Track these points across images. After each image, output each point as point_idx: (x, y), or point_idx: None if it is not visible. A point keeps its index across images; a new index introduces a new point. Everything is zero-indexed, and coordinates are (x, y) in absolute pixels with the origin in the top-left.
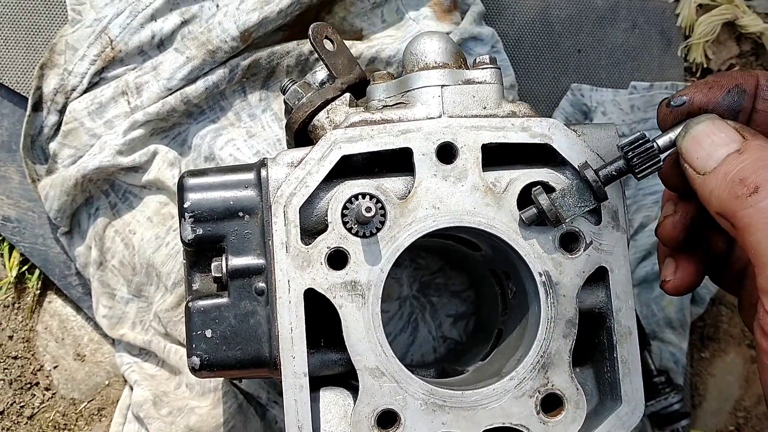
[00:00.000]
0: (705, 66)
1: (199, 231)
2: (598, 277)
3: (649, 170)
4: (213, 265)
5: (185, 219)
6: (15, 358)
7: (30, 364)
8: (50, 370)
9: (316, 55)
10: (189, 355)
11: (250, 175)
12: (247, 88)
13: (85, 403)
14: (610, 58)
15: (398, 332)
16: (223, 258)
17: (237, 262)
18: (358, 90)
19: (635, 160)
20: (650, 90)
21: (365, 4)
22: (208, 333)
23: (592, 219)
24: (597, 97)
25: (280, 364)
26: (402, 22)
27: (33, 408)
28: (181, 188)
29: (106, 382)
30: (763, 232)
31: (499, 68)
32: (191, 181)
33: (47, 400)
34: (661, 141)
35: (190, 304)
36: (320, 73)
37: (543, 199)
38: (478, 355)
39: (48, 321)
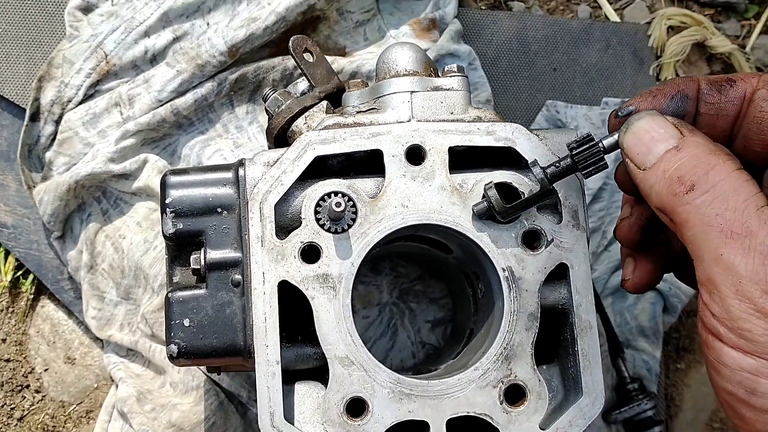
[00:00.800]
0: None
1: (180, 226)
2: (561, 275)
3: (593, 169)
4: (192, 257)
5: (166, 214)
6: (7, 360)
7: (21, 367)
8: (41, 373)
9: (299, 71)
10: (167, 343)
11: (228, 174)
12: (234, 101)
13: (74, 406)
14: (585, 77)
15: (378, 337)
16: (202, 251)
17: (215, 255)
18: (336, 99)
19: (581, 159)
20: None
21: (348, 23)
22: (186, 322)
23: (553, 218)
24: (571, 113)
25: (254, 352)
26: (383, 40)
27: (23, 410)
28: (164, 185)
29: (95, 385)
30: (698, 228)
31: (467, 77)
32: (173, 179)
33: (37, 402)
34: (607, 142)
35: (170, 294)
36: (301, 85)
37: (492, 194)
38: (449, 355)
39: (40, 325)
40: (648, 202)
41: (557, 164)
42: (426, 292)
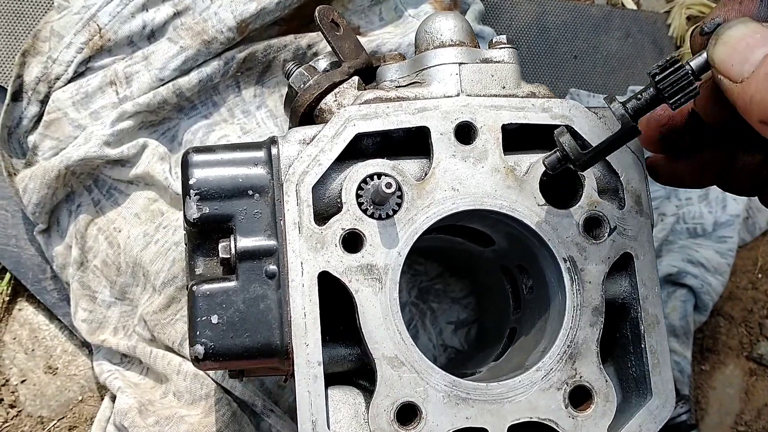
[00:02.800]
0: None
1: (206, 210)
2: (621, 265)
3: (682, 96)
4: (221, 245)
5: (190, 197)
6: None
7: None
8: (17, 385)
9: (314, 50)
10: (192, 343)
11: (260, 153)
12: (241, 83)
13: (55, 422)
14: (606, 65)
15: None
16: (232, 239)
17: (246, 243)
18: (365, 76)
19: (666, 86)
20: None
21: (363, 2)
22: (214, 319)
23: (615, 204)
24: (594, 102)
25: (292, 352)
26: (401, 20)
27: None
28: (186, 164)
29: (80, 398)
30: None
31: (517, 49)
32: (197, 157)
33: (11, 419)
34: (695, 63)
35: (194, 287)
36: (323, 61)
37: (566, 140)
38: (487, 359)
39: (17, 330)
40: (748, 119)
41: (638, 96)
42: (447, 291)
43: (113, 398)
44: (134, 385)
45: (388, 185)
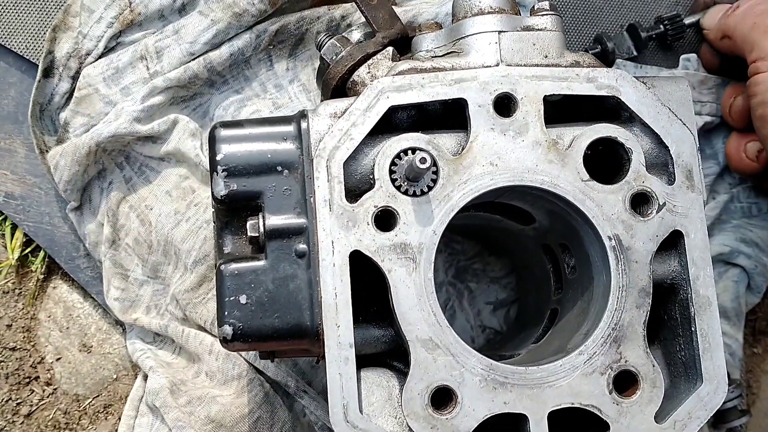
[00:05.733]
0: None
1: (234, 186)
2: (670, 244)
3: None
4: (249, 224)
5: (218, 173)
6: (13, 349)
7: (30, 356)
8: (52, 363)
9: (347, 21)
10: (220, 324)
11: (289, 127)
12: (273, 56)
13: (90, 400)
14: (647, 23)
15: None
16: (260, 216)
17: (276, 221)
18: (400, 46)
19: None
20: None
21: None
22: (243, 299)
23: (664, 179)
24: (641, 73)
25: (322, 334)
26: None
27: (31, 405)
28: (213, 139)
29: (114, 376)
30: None
31: (560, 15)
32: (225, 132)
33: (47, 397)
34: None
35: (222, 267)
36: (356, 32)
37: None
38: (527, 340)
39: (52, 308)
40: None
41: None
42: (485, 271)
43: (146, 377)
44: (166, 364)
45: (423, 160)
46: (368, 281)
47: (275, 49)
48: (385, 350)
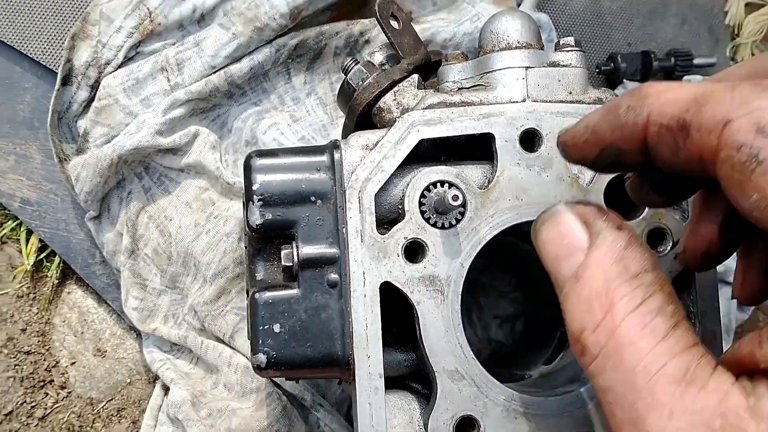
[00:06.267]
0: None
1: (269, 216)
2: (682, 280)
3: None
4: (283, 253)
5: (254, 202)
6: (27, 353)
7: (44, 360)
8: (66, 367)
9: (366, 37)
10: (254, 352)
11: (323, 158)
12: (291, 69)
13: (104, 403)
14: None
15: None
16: (294, 246)
17: (309, 250)
18: (423, 72)
19: None
20: None
21: None
22: (276, 328)
23: (677, 214)
24: None
25: (353, 363)
26: (455, 5)
27: (45, 408)
28: (249, 168)
29: (128, 380)
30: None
31: (585, 52)
32: (260, 162)
33: (62, 400)
34: None
35: (257, 295)
36: (379, 55)
37: None
38: (536, 360)
39: (66, 313)
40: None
41: None
42: (494, 285)
43: (164, 386)
44: (186, 375)
45: (455, 198)
46: (390, 305)
47: (293, 62)
48: (407, 374)
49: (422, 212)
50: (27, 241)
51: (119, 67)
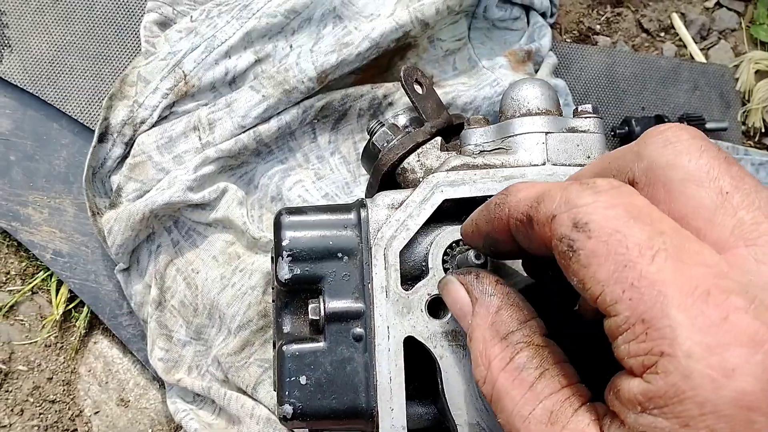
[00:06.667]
0: (763, 131)
1: (297, 271)
2: None
3: None
4: (310, 307)
5: (283, 257)
6: (53, 402)
7: (69, 409)
8: (90, 416)
9: (389, 100)
10: (281, 403)
11: (350, 215)
12: (317, 129)
13: None
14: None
15: None
16: (321, 300)
17: (336, 305)
18: (445, 134)
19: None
20: None
21: (438, 52)
22: (303, 380)
23: None
24: None
25: (377, 416)
26: (474, 71)
27: None
28: (279, 225)
29: (149, 431)
30: None
31: (602, 118)
32: (290, 219)
33: None
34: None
35: (284, 347)
36: (402, 117)
37: None
38: None
39: (92, 363)
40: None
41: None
42: None
43: None
44: (208, 425)
45: (477, 256)
46: (410, 358)
47: (319, 122)
48: (427, 427)
49: (445, 269)
50: (57, 291)
51: (154, 125)
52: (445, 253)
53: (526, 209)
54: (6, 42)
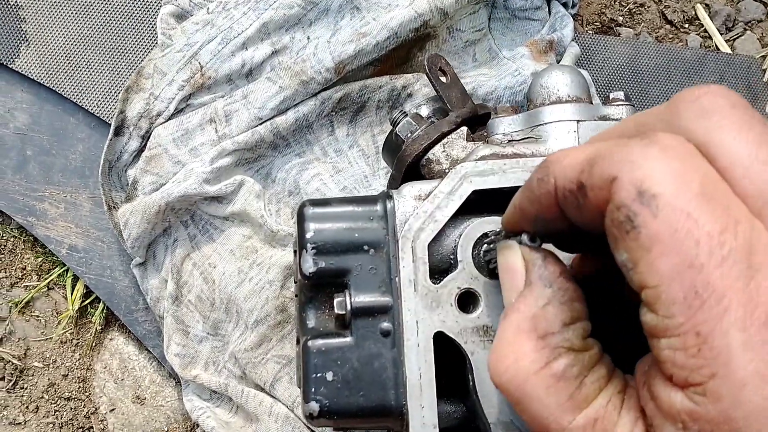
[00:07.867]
0: None
1: (322, 264)
2: None
3: None
4: (336, 301)
5: (307, 250)
6: (68, 399)
7: (84, 407)
8: (106, 414)
9: (408, 91)
10: (306, 400)
11: (376, 207)
12: (335, 122)
13: None
14: None
15: None
16: (347, 294)
17: (363, 299)
18: (470, 124)
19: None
20: None
21: (458, 42)
22: (329, 376)
23: None
24: None
25: (407, 414)
26: (495, 62)
27: None
28: (302, 217)
29: (166, 429)
30: None
31: (634, 105)
32: (313, 210)
33: None
34: None
35: (309, 342)
36: (425, 108)
37: None
38: None
39: (108, 360)
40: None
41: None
42: None
43: None
44: (225, 423)
45: (533, 239)
46: (438, 354)
47: (337, 115)
48: (456, 426)
49: (475, 262)
50: (73, 287)
51: (170, 118)
52: (475, 246)
53: (575, 175)
54: (23, 37)
